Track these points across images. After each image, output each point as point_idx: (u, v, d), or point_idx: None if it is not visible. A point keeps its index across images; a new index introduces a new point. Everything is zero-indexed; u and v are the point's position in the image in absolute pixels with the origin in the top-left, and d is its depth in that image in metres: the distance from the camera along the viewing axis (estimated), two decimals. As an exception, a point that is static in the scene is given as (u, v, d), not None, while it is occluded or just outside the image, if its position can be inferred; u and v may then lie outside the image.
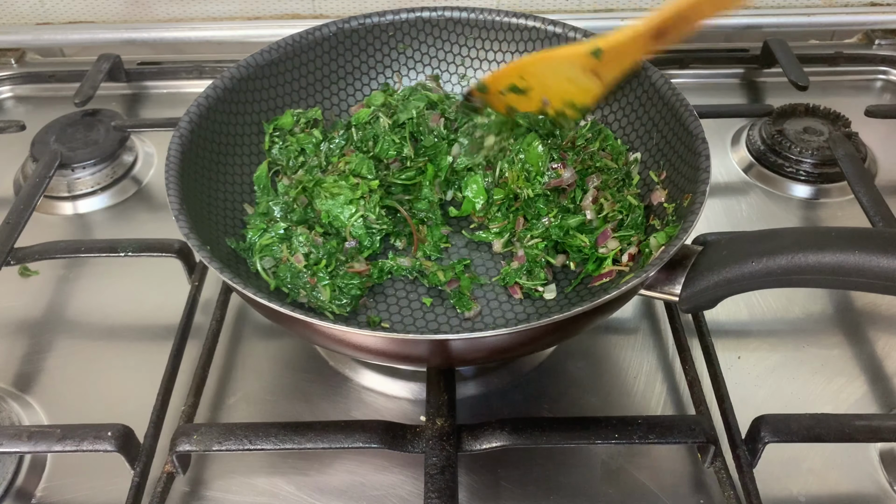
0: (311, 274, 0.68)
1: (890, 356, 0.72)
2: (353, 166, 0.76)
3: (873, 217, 0.77)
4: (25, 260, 0.77)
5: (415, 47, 0.85)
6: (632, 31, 0.67)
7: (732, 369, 0.70)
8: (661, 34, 0.66)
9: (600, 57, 0.69)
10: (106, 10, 1.12)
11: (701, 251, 0.60)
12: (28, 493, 0.63)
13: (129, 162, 0.94)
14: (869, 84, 1.07)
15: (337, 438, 0.59)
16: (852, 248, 0.52)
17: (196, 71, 1.07)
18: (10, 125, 0.97)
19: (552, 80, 0.72)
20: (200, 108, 0.72)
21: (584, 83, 0.71)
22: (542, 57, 0.74)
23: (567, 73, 0.71)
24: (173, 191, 0.64)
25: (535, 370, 0.71)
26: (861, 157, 0.87)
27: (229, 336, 0.74)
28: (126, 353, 0.74)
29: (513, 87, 0.74)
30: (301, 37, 0.80)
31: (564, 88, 0.72)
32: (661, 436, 0.59)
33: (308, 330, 0.59)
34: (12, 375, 0.72)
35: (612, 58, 0.69)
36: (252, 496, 0.62)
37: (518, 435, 0.59)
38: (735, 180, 0.92)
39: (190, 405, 0.65)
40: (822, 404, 0.68)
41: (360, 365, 0.71)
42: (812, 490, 0.62)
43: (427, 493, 0.55)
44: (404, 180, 0.77)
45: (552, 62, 0.72)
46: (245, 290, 0.57)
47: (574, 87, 0.72)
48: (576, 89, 0.72)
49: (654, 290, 0.61)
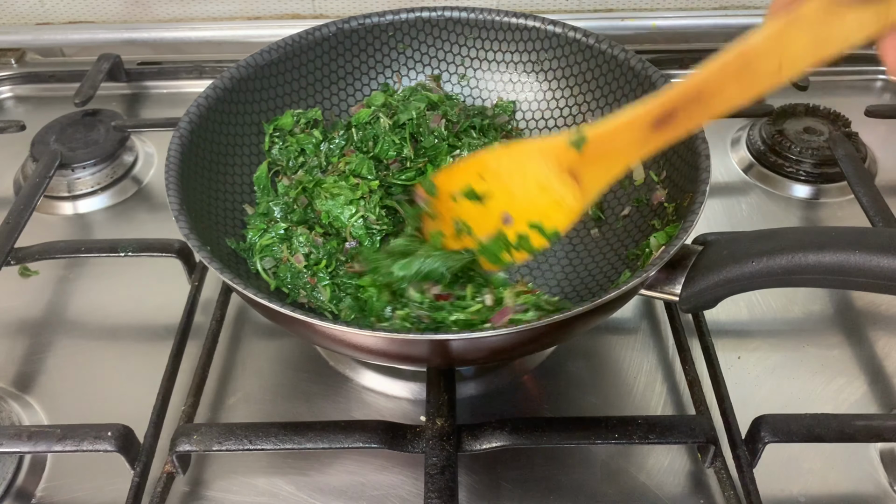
0: (312, 274, 0.68)
1: (890, 356, 0.72)
2: (354, 167, 0.76)
3: (873, 217, 0.77)
4: (25, 260, 0.77)
5: (415, 47, 0.85)
6: (626, 117, 0.51)
7: (732, 369, 0.70)
8: (666, 120, 0.49)
9: (582, 149, 0.52)
10: (106, 10, 1.12)
11: (701, 251, 0.60)
12: (28, 493, 0.63)
13: (129, 162, 0.94)
14: (869, 84, 1.07)
15: (337, 438, 0.59)
16: (852, 247, 0.52)
17: (196, 71, 1.07)
18: (10, 125, 0.97)
19: (519, 183, 0.56)
20: (200, 109, 0.72)
21: (558, 193, 0.54)
22: (510, 150, 0.57)
23: (538, 174, 0.54)
24: (173, 191, 0.64)
25: (535, 370, 0.71)
26: (861, 157, 0.87)
27: (229, 336, 0.74)
28: (126, 353, 0.74)
29: (468, 192, 0.57)
30: (301, 37, 0.80)
31: (533, 199, 0.55)
32: (661, 436, 0.59)
33: (308, 330, 0.59)
34: (12, 375, 0.72)
35: (597, 153, 0.52)
36: (252, 496, 0.62)
37: (518, 435, 0.59)
38: (735, 180, 0.92)
39: (190, 405, 0.65)
40: (822, 404, 0.68)
41: (360, 365, 0.71)
42: (812, 490, 0.62)
43: (427, 493, 0.55)
44: (404, 181, 0.77)
45: (521, 155, 0.56)
46: (245, 290, 0.57)
47: (545, 199, 0.55)
48: (547, 203, 0.55)
49: (654, 290, 0.61)
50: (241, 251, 0.70)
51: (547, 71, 0.83)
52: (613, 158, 0.51)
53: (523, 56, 0.84)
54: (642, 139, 0.50)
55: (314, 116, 0.81)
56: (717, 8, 1.11)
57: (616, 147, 0.51)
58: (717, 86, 0.47)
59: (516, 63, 0.84)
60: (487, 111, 0.84)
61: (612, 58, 0.77)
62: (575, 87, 0.82)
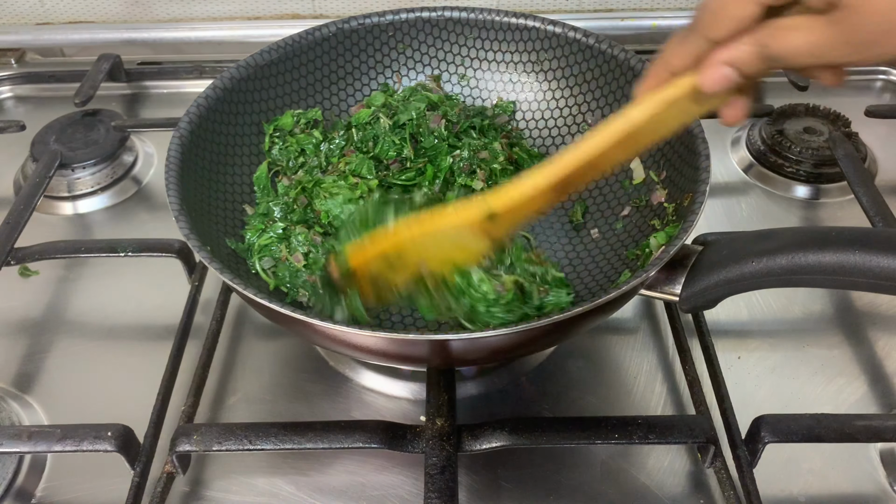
0: (311, 272, 0.68)
1: (890, 356, 0.72)
2: (353, 166, 0.76)
3: (873, 217, 0.77)
4: (25, 260, 0.77)
5: (415, 47, 0.85)
6: (530, 188, 0.56)
7: (732, 369, 0.70)
8: (564, 186, 0.56)
9: (495, 220, 0.58)
10: (106, 10, 1.12)
11: (701, 251, 0.60)
12: (28, 493, 0.63)
13: (129, 162, 0.94)
14: (869, 84, 1.07)
15: (337, 438, 0.59)
16: (852, 248, 0.52)
17: (196, 71, 1.07)
18: (10, 125, 0.97)
19: (434, 249, 0.61)
20: (200, 109, 0.72)
21: (471, 246, 0.60)
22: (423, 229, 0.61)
23: (453, 240, 0.60)
24: (173, 191, 0.64)
25: (535, 370, 0.71)
26: (861, 157, 0.87)
27: (229, 336, 0.74)
28: (126, 353, 0.74)
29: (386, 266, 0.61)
30: (301, 37, 0.80)
31: (447, 255, 0.61)
32: (661, 436, 0.59)
33: (308, 330, 0.59)
34: (12, 375, 0.72)
35: (506, 217, 0.58)
36: (252, 496, 0.62)
37: (518, 435, 0.59)
38: (735, 180, 0.92)
39: (190, 405, 0.65)
40: (822, 404, 0.68)
41: (360, 365, 0.71)
42: (812, 490, 0.62)
43: (427, 493, 0.56)
44: (404, 181, 0.77)
45: (435, 234, 0.60)
46: (245, 290, 0.57)
47: (459, 251, 0.61)
48: (460, 253, 0.61)
49: (654, 290, 0.61)
50: (240, 252, 0.70)
51: (547, 71, 0.83)
52: (519, 216, 0.59)
53: (523, 56, 0.84)
54: (543, 201, 0.57)
55: (314, 117, 0.81)
56: (717, 8, 1.11)
57: (521, 210, 0.58)
58: (606, 155, 0.54)
59: (516, 63, 0.84)
60: (487, 111, 0.84)
61: (612, 58, 0.77)
62: (575, 87, 0.82)
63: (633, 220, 0.74)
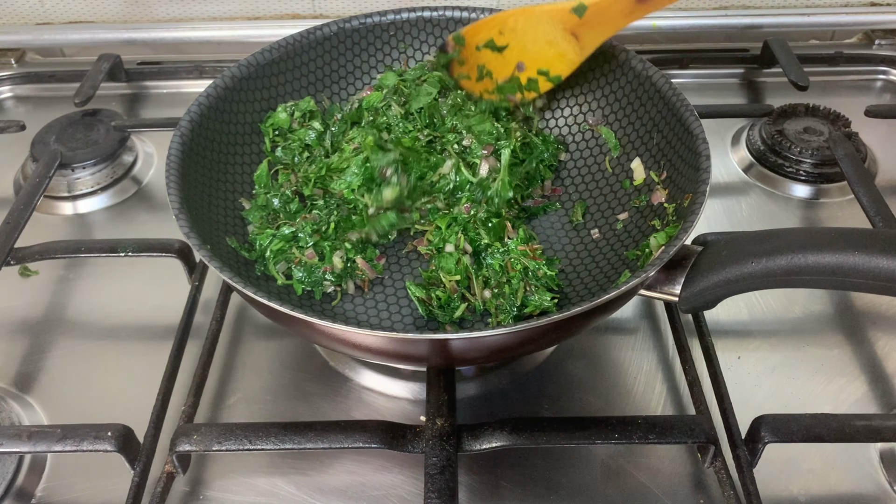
0: (325, 262, 0.69)
1: (890, 356, 0.72)
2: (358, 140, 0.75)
3: (873, 217, 0.77)
4: (25, 260, 0.77)
5: (416, 47, 0.85)
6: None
7: (732, 369, 0.70)
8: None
9: (583, 15, 0.66)
10: (106, 10, 1.12)
11: (701, 251, 0.60)
12: (28, 493, 0.63)
13: (129, 162, 0.94)
14: (869, 84, 1.07)
15: (337, 438, 0.59)
16: (852, 248, 0.52)
17: (196, 71, 1.07)
18: (10, 125, 0.97)
19: (531, 38, 0.70)
20: (201, 108, 0.72)
21: (562, 47, 0.69)
22: (524, 11, 0.71)
23: (547, 31, 0.69)
24: (173, 190, 0.64)
25: (535, 370, 0.71)
26: (861, 157, 0.87)
27: (229, 336, 0.74)
28: (126, 353, 0.74)
29: (490, 43, 0.72)
30: (302, 36, 0.80)
31: (542, 51, 0.70)
32: (661, 436, 0.59)
33: (308, 329, 0.59)
34: (12, 375, 0.72)
35: (594, 18, 0.67)
36: (252, 496, 0.62)
37: (518, 435, 0.59)
38: (735, 180, 0.92)
39: (190, 405, 0.65)
40: (822, 404, 0.68)
41: (360, 365, 0.71)
42: (812, 490, 0.62)
43: (427, 493, 0.56)
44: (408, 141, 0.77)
45: (533, 16, 0.70)
46: (245, 289, 0.57)
47: (552, 50, 0.70)
48: (553, 54, 0.70)
49: (654, 290, 0.61)
50: (252, 258, 0.71)
51: None
52: (606, 24, 0.67)
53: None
54: (629, 11, 0.65)
55: (307, 108, 0.81)
56: (717, 8, 1.11)
57: (608, 15, 0.66)
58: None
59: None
60: None
61: (613, 58, 0.77)
62: (576, 87, 0.82)
63: (633, 220, 0.74)
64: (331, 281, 0.70)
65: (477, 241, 0.71)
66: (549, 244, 0.76)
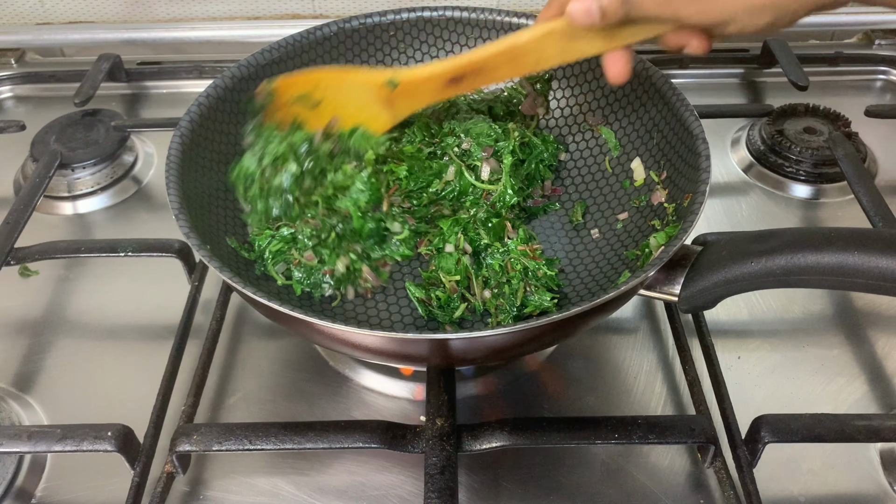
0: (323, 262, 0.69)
1: (890, 356, 0.72)
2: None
3: (873, 217, 0.77)
4: (25, 260, 0.77)
5: (416, 47, 0.85)
6: (428, 71, 0.67)
7: (732, 369, 0.70)
8: (457, 80, 0.67)
9: (394, 89, 0.68)
10: (106, 10, 1.12)
11: (701, 251, 0.60)
12: (28, 493, 0.63)
13: (129, 162, 0.94)
14: (869, 84, 1.07)
15: (337, 438, 0.59)
16: (852, 248, 0.52)
17: (196, 71, 1.07)
18: (10, 125, 0.97)
19: (345, 99, 0.71)
20: (202, 108, 0.72)
21: (375, 110, 0.70)
22: (340, 74, 0.72)
23: (360, 97, 0.70)
24: (173, 190, 0.64)
25: (535, 370, 0.71)
26: (861, 157, 0.87)
27: (229, 336, 0.74)
28: (126, 353, 0.74)
29: (302, 97, 0.71)
30: (302, 36, 0.80)
31: (355, 112, 0.71)
32: (661, 436, 0.59)
33: (308, 329, 0.59)
34: (12, 375, 0.72)
35: (406, 92, 0.69)
36: (252, 496, 0.62)
37: (518, 435, 0.59)
38: (735, 180, 0.92)
39: (190, 405, 0.65)
40: (822, 404, 0.68)
41: (360, 365, 0.72)
42: (812, 490, 0.62)
43: (427, 493, 0.55)
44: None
45: (347, 80, 0.71)
46: (244, 288, 0.57)
47: (366, 111, 0.71)
48: (367, 115, 0.71)
49: (654, 290, 0.61)
50: (250, 257, 0.70)
51: (548, 71, 0.83)
52: (417, 98, 0.70)
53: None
54: (439, 90, 0.68)
55: (277, 151, 0.72)
56: (717, 8, 1.11)
57: (419, 91, 0.69)
58: (492, 65, 0.65)
59: (516, 63, 0.84)
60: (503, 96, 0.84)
61: (613, 58, 0.77)
62: (576, 87, 0.82)
63: (633, 220, 0.74)
64: (330, 285, 0.70)
65: (477, 242, 0.71)
66: (549, 244, 0.76)
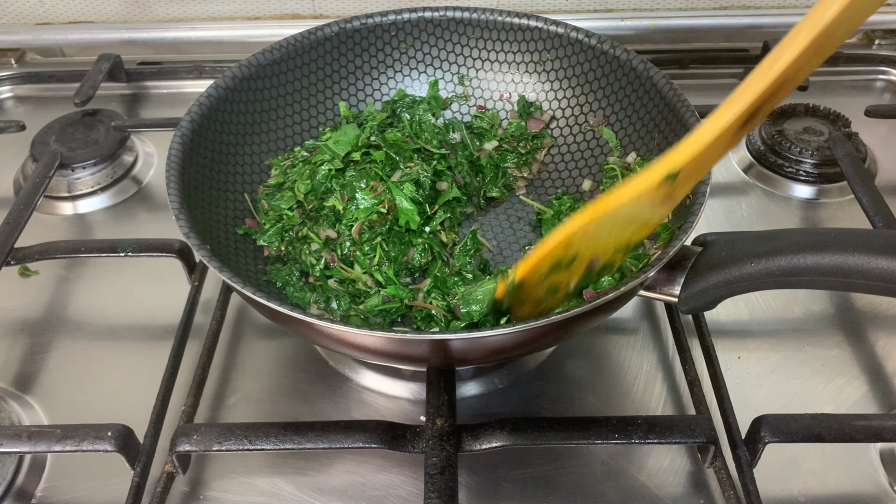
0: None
1: (890, 356, 0.72)
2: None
3: (873, 217, 0.77)
4: (25, 260, 0.77)
5: (417, 47, 0.85)
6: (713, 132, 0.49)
7: (732, 369, 0.70)
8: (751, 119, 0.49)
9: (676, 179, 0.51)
10: (106, 10, 1.12)
11: (700, 252, 0.60)
12: (28, 493, 0.63)
13: (129, 162, 0.94)
14: (869, 84, 1.07)
15: (337, 438, 0.59)
16: (852, 249, 0.52)
17: (196, 71, 1.07)
18: (10, 125, 0.97)
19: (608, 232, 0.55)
20: (202, 108, 0.72)
21: (648, 216, 0.54)
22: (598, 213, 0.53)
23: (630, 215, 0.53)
24: (174, 190, 0.64)
25: (535, 370, 0.71)
26: (861, 157, 0.87)
27: (229, 336, 0.74)
28: (126, 353, 0.74)
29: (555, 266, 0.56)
30: (303, 36, 0.80)
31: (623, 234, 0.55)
32: (661, 436, 0.59)
33: (308, 330, 0.59)
34: (12, 375, 0.72)
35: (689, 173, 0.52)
36: (252, 496, 0.62)
37: (518, 435, 0.59)
38: (735, 180, 0.92)
39: (190, 405, 0.65)
40: (822, 404, 0.68)
41: (360, 365, 0.71)
42: (812, 490, 0.62)
43: (427, 493, 0.56)
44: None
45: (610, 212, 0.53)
46: (244, 289, 0.57)
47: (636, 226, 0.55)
48: (637, 228, 0.55)
49: (654, 290, 0.61)
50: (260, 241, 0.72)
51: (549, 71, 0.83)
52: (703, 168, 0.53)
53: (525, 56, 0.84)
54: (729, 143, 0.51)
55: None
56: (717, 8, 1.11)
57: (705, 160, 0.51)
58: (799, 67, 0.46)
59: (518, 63, 0.84)
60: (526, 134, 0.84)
61: (615, 58, 0.77)
62: (577, 87, 0.82)
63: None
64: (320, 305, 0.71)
65: None
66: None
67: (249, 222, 0.74)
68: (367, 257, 0.71)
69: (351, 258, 0.71)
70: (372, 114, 0.83)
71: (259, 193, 0.77)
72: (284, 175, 0.77)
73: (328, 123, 0.83)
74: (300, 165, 0.77)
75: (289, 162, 0.78)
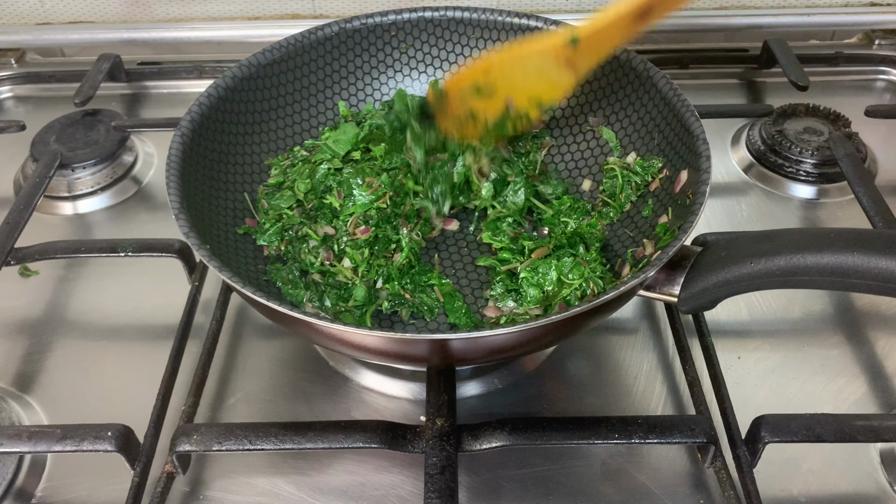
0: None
1: (890, 356, 0.72)
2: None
3: (873, 217, 0.77)
4: (25, 260, 0.77)
5: (417, 47, 0.85)
6: (613, 15, 0.60)
7: (732, 369, 0.70)
8: (646, 13, 0.59)
9: (577, 46, 0.62)
10: (106, 10, 1.12)
11: (700, 252, 0.60)
12: (28, 493, 0.63)
13: (129, 162, 0.94)
14: (869, 84, 1.07)
15: (337, 438, 0.59)
16: (852, 249, 0.52)
17: (196, 71, 1.08)
18: (10, 125, 0.97)
19: (520, 76, 0.66)
20: (202, 108, 0.72)
21: (555, 77, 0.64)
22: (512, 53, 0.67)
23: (538, 67, 0.64)
24: (174, 190, 0.64)
25: (535, 370, 0.71)
26: (861, 157, 0.87)
27: (229, 336, 0.74)
28: (126, 353, 0.74)
29: (475, 88, 0.67)
30: (303, 36, 0.80)
31: (533, 85, 0.66)
32: (661, 436, 0.59)
33: (308, 330, 0.59)
34: (12, 375, 0.72)
35: (590, 45, 0.62)
36: (252, 496, 0.62)
37: (518, 435, 0.59)
38: (735, 180, 0.92)
39: (190, 405, 0.65)
40: (822, 404, 0.68)
41: (360, 365, 0.72)
42: (812, 490, 0.62)
43: (427, 493, 0.56)
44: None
45: (523, 58, 0.65)
46: (244, 288, 0.57)
47: (544, 82, 0.65)
48: (545, 85, 0.65)
49: (654, 290, 0.61)
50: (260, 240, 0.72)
51: None
52: (602, 47, 0.64)
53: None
54: (625, 30, 0.61)
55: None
56: (717, 8, 1.11)
57: (605, 38, 0.62)
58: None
59: (517, 63, 0.84)
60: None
61: (615, 58, 0.77)
62: (577, 87, 0.81)
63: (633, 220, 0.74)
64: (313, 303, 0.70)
65: None
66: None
67: (249, 222, 0.74)
68: (358, 251, 0.71)
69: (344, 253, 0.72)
70: (371, 112, 0.83)
71: (259, 193, 0.77)
72: (284, 174, 0.77)
73: (328, 123, 0.83)
74: (300, 165, 0.77)
75: (288, 161, 0.79)
